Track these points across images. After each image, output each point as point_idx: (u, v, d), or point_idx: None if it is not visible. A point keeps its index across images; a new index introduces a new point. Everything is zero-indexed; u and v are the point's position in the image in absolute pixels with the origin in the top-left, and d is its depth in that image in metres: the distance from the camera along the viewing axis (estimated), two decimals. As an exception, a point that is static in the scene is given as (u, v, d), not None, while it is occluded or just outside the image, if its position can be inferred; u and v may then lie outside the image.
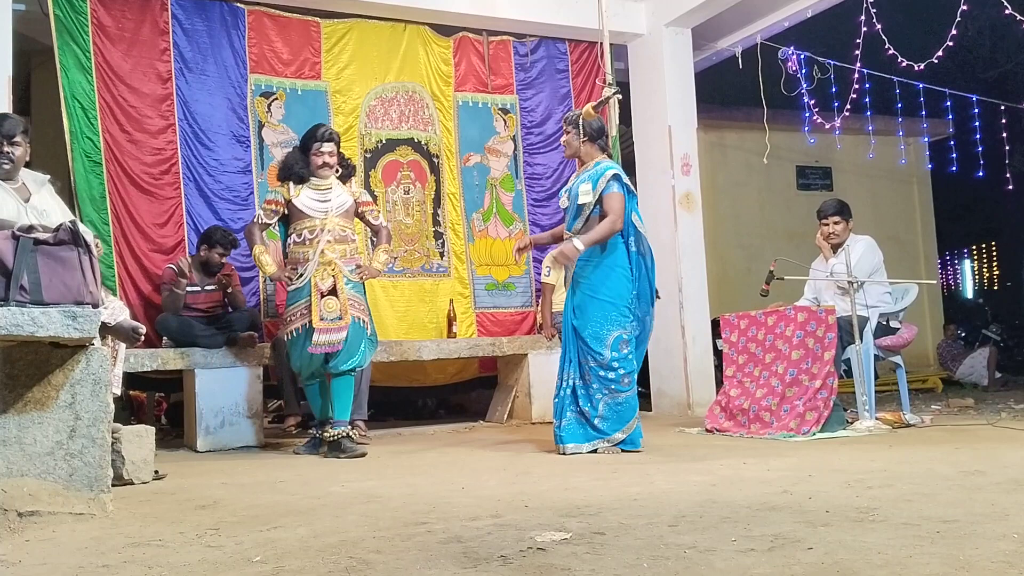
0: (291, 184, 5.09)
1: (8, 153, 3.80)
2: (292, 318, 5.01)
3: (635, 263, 4.70)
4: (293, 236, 5.07)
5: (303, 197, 5.05)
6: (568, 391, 4.71)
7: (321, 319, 4.88)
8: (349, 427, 5.01)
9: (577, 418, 4.67)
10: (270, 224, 5.17)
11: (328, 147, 5.08)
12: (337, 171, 5.17)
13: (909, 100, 8.51)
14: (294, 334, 4.98)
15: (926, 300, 11.28)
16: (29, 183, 3.85)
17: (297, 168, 5.09)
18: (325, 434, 4.97)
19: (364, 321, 5.06)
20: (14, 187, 3.78)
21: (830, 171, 11.27)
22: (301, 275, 4.95)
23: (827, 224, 5.78)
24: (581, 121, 4.80)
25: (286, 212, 5.11)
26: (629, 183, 4.76)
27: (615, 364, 4.61)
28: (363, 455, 4.83)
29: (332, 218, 5.03)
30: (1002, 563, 2.01)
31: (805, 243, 6.21)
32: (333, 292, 4.93)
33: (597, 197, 4.64)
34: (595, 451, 4.59)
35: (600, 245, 4.64)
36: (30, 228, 3.05)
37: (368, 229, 5.72)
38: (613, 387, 4.61)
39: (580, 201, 4.69)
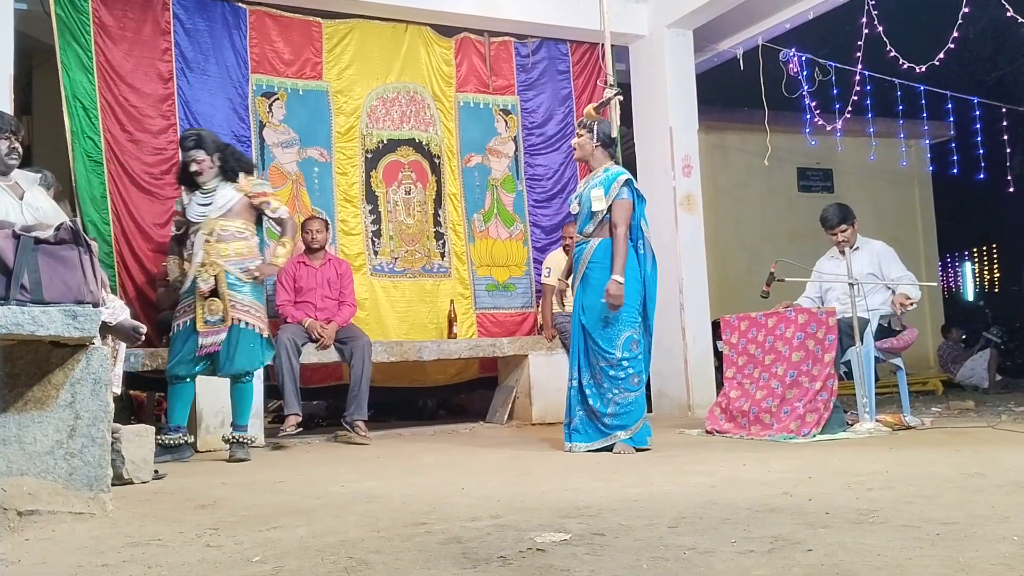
0: (184, 192, 5.08)
1: (16, 148, 3.82)
2: (177, 312, 4.96)
3: (642, 265, 4.80)
4: (188, 242, 5.03)
5: (192, 204, 4.98)
6: (576, 390, 4.75)
7: (205, 321, 4.81)
8: (245, 433, 4.94)
9: (587, 416, 4.72)
10: (178, 234, 5.12)
11: (193, 154, 4.91)
12: (217, 172, 4.96)
13: (910, 102, 8.52)
14: (178, 328, 4.90)
15: (927, 302, 11.28)
16: (21, 181, 3.86)
17: (182, 176, 5.07)
18: (224, 436, 5.03)
19: (251, 324, 4.89)
20: (8, 184, 3.79)
21: (831, 173, 11.27)
22: (185, 279, 4.94)
23: (835, 234, 5.78)
24: (596, 126, 4.88)
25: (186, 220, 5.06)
26: (639, 188, 4.86)
27: (625, 363, 4.66)
28: (244, 460, 4.79)
29: (211, 220, 4.89)
30: (1002, 565, 2.01)
31: (806, 245, 6.22)
32: (216, 294, 4.82)
33: (609, 203, 4.71)
34: (610, 448, 4.62)
35: (610, 247, 4.73)
36: (30, 227, 3.06)
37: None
38: (623, 386, 4.66)
39: (594, 208, 4.73)
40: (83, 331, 2.99)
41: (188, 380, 4.94)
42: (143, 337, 4.13)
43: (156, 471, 4.08)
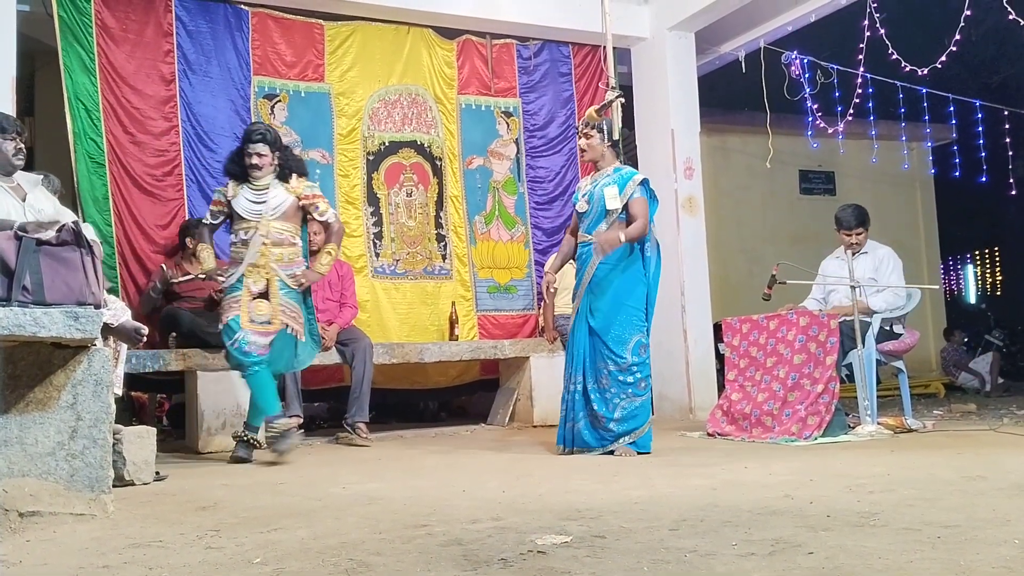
0: (232, 183, 4.97)
1: (21, 149, 3.83)
2: (225, 308, 4.84)
3: (647, 267, 4.81)
4: (232, 236, 4.97)
5: (240, 198, 4.89)
6: (579, 394, 4.69)
7: (251, 320, 4.75)
8: (256, 433, 4.89)
9: (589, 422, 4.68)
10: (215, 224, 5.07)
11: (257, 147, 4.85)
12: (274, 169, 4.92)
13: (912, 105, 8.51)
14: (229, 322, 4.80)
15: (929, 305, 11.28)
16: (23, 182, 3.87)
17: (232, 167, 4.98)
18: (234, 433, 4.99)
19: (295, 330, 4.90)
20: (10, 186, 3.80)
21: (833, 175, 11.27)
22: (232, 274, 4.85)
23: (850, 235, 5.75)
24: (604, 126, 4.91)
25: (228, 211, 4.99)
26: (653, 189, 4.90)
27: (634, 368, 4.66)
28: (246, 461, 4.77)
29: (267, 220, 4.85)
30: (1003, 568, 2.01)
31: (808, 247, 6.23)
32: (265, 296, 4.80)
33: (625, 202, 4.72)
34: (610, 452, 4.61)
35: (625, 249, 4.71)
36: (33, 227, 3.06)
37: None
38: (631, 391, 4.65)
39: (609, 206, 4.72)
40: (85, 332, 2.99)
41: (260, 367, 4.79)
42: (144, 338, 4.13)
43: (157, 472, 4.09)
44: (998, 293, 18.33)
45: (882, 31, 6.87)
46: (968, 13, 6.35)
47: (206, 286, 6.00)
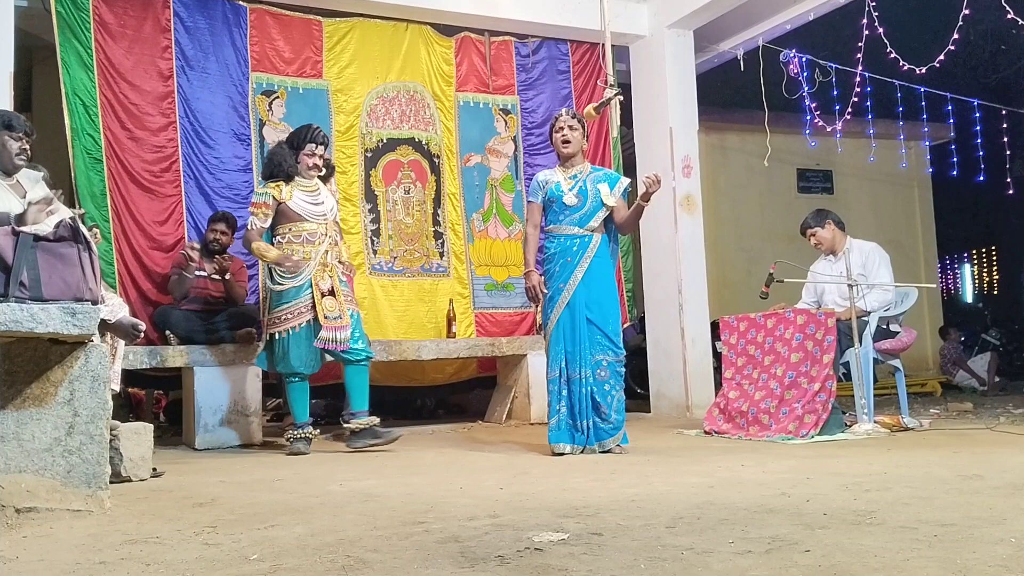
0: (282, 184, 5.16)
1: (26, 149, 3.83)
2: (288, 316, 5.08)
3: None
4: (290, 237, 5.15)
5: (296, 200, 5.13)
6: (587, 391, 4.64)
7: (325, 317, 5.01)
8: (366, 418, 5.14)
9: (597, 417, 4.66)
10: (264, 227, 5.19)
11: (321, 149, 5.22)
12: (321, 171, 5.28)
13: (910, 104, 8.51)
14: (293, 331, 5.07)
15: (926, 304, 11.28)
16: (24, 180, 3.86)
17: (287, 167, 5.16)
18: (352, 423, 5.14)
19: (356, 309, 5.26)
20: (10, 183, 3.79)
21: (831, 174, 11.27)
22: (300, 273, 5.06)
23: (810, 240, 5.95)
24: (584, 121, 4.98)
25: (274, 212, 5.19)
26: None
27: (623, 358, 4.76)
28: (397, 438, 5.13)
29: (331, 223, 5.25)
30: (999, 567, 2.01)
31: (805, 246, 6.21)
32: (331, 293, 5.09)
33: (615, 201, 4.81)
34: (608, 451, 4.61)
35: (613, 242, 4.88)
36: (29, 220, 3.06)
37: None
38: (620, 382, 4.73)
39: (607, 203, 4.77)
40: (82, 328, 2.99)
41: (306, 379, 5.21)
42: (142, 335, 4.12)
43: (154, 469, 4.09)
44: (995, 292, 18.36)
45: (880, 30, 6.87)
46: (967, 12, 6.36)
47: (212, 286, 6.00)
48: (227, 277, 5.99)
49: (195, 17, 6.46)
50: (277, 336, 5.12)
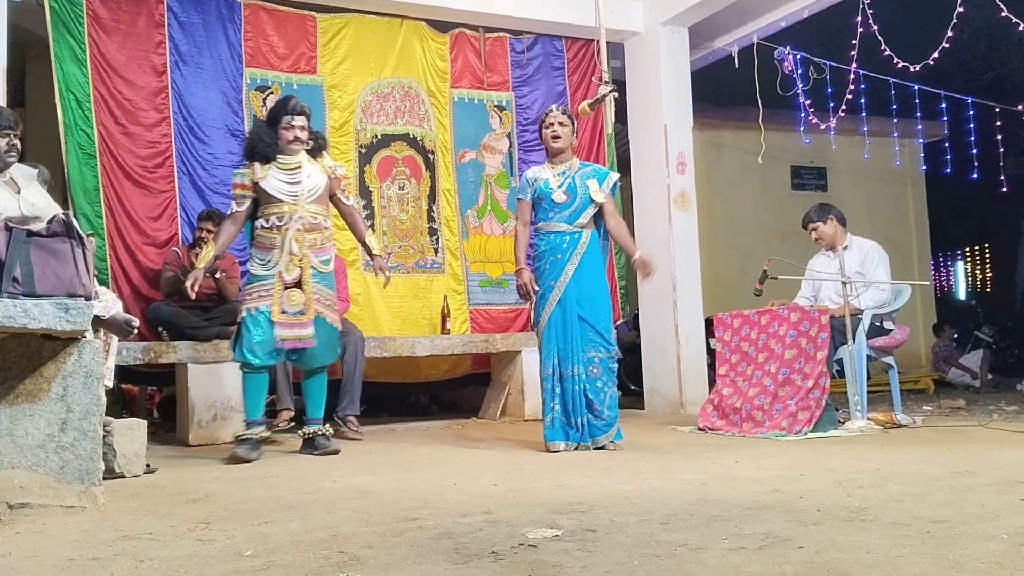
0: (257, 164, 4.67)
1: (16, 145, 3.81)
2: (249, 296, 4.63)
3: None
4: (260, 220, 4.68)
5: (271, 179, 4.63)
6: (580, 388, 4.65)
7: (283, 312, 4.54)
8: (323, 424, 4.84)
9: (591, 414, 4.66)
10: (240, 211, 4.71)
11: (299, 120, 4.65)
12: (307, 145, 4.74)
13: (904, 101, 8.53)
14: (250, 313, 4.56)
15: (919, 301, 11.30)
16: (17, 177, 3.85)
17: (262, 146, 4.66)
18: (302, 431, 4.84)
19: (330, 318, 4.72)
20: (3, 180, 3.78)
21: (825, 171, 11.29)
22: (267, 261, 4.60)
23: (811, 234, 5.93)
24: (573, 117, 4.99)
25: (254, 195, 4.70)
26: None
27: (615, 354, 4.76)
28: (336, 452, 4.71)
29: (303, 204, 4.63)
30: (992, 563, 2.01)
31: (799, 243, 6.23)
32: (298, 285, 4.60)
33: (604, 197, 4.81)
34: (602, 448, 4.62)
35: (603, 238, 4.89)
36: (24, 219, 3.05)
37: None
38: (613, 378, 4.73)
39: (597, 199, 4.77)
40: (75, 324, 2.98)
41: (263, 371, 4.68)
42: (135, 331, 4.11)
43: (148, 465, 4.08)
44: (988, 289, 18.42)
45: (875, 27, 6.88)
46: (960, 10, 6.36)
47: (204, 283, 5.97)
48: (218, 275, 5.98)
49: (189, 12, 6.44)
50: (242, 313, 4.63)
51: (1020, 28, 6.45)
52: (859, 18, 6.92)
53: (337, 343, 4.89)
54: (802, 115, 8.22)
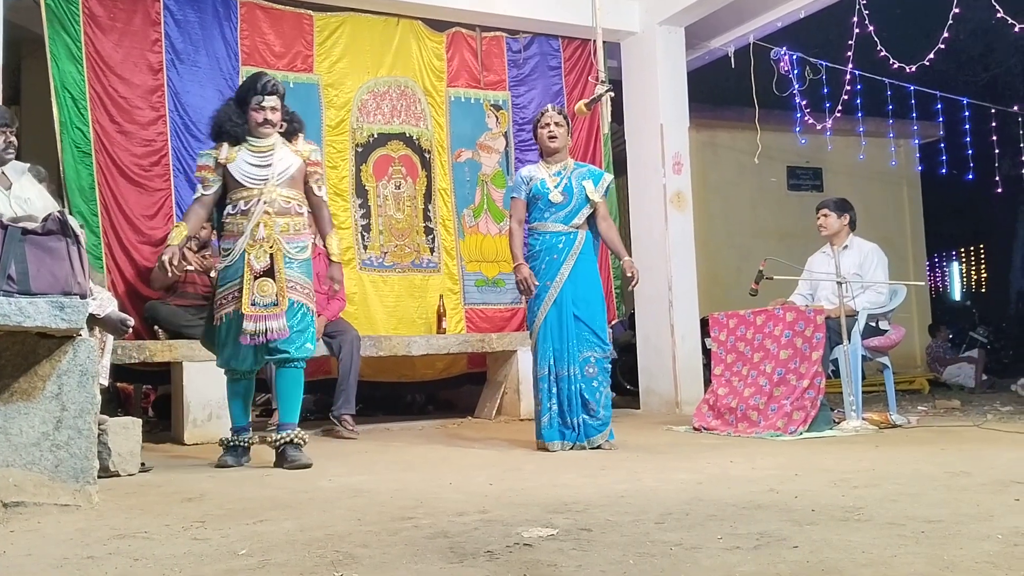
0: (225, 145, 4.29)
1: (12, 142, 3.81)
2: (222, 301, 4.26)
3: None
4: (228, 207, 4.30)
5: (239, 161, 4.25)
6: (576, 388, 4.65)
7: (252, 304, 4.13)
8: (296, 431, 4.28)
9: (586, 414, 4.67)
10: (210, 196, 4.33)
11: (271, 100, 4.28)
12: (281, 127, 4.36)
13: (900, 102, 8.54)
14: (223, 319, 4.24)
15: (914, 302, 11.33)
16: (9, 172, 3.85)
17: (230, 126, 4.29)
18: (268, 441, 4.33)
19: (308, 307, 4.29)
20: (-3, 177, 3.78)
21: (821, 172, 11.32)
22: (230, 252, 4.23)
23: (819, 218, 5.91)
24: (569, 118, 5.01)
25: (222, 178, 4.32)
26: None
27: (610, 354, 4.79)
28: (308, 466, 4.16)
29: (272, 187, 4.23)
30: (986, 563, 2.02)
31: (795, 243, 6.26)
32: (270, 273, 4.18)
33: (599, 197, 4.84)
34: (598, 447, 4.62)
35: (596, 238, 4.89)
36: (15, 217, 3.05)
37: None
38: (607, 378, 4.75)
39: (594, 199, 4.79)
40: (70, 322, 2.97)
41: (249, 376, 4.39)
42: (131, 329, 4.11)
43: (143, 463, 4.07)
44: (983, 290, 18.45)
45: (871, 28, 6.89)
46: (956, 11, 6.38)
47: (200, 281, 5.97)
48: (212, 274, 5.97)
49: (185, 10, 6.43)
50: (214, 322, 4.31)
51: (1016, 29, 6.47)
52: (855, 19, 6.93)
53: (311, 332, 4.36)
54: (798, 115, 8.22)
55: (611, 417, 4.74)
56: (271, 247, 4.20)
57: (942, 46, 6.83)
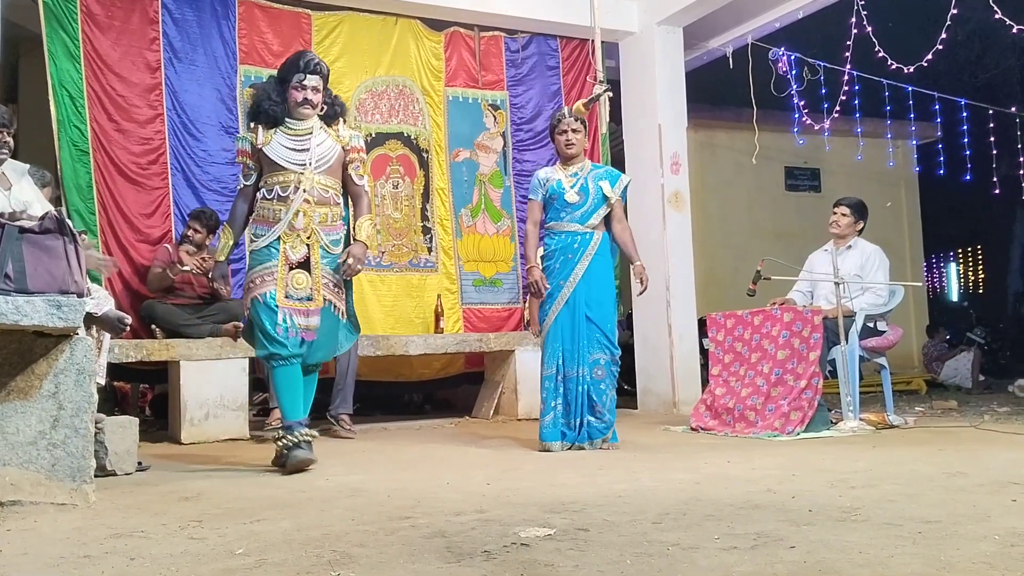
0: (260, 128, 4.11)
1: (8, 142, 3.80)
2: (254, 282, 4.03)
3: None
4: (263, 190, 4.11)
5: (275, 144, 4.06)
6: (584, 389, 4.65)
7: (287, 296, 3.98)
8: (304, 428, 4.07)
9: (593, 415, 4.66)
10: (249, 186, 4.18)
11: (312, 80, 4.07)
12: (322, 109, 4.17)
13: (898, 103, 8.54)
14: (264, 298, 3.98)
15: (911, 302, 11.34)
16: (9, 173, 3.84)
17: (268, 106, 4.07)
18: (279, 440, 4.04)
19: (338, 309, 4.18)
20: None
21: (818, 172, 11.32)
22: (263, 237, 4.04)
23: (835, 213, 5.92)
24: (586, 121, 5.01)
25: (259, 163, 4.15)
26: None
27: (619, 357, 4.78)
28: (312, 462, 3.99)
29: (311, 174, 4.05)
30: (983, 564, 2.02)
31: (793, 243, 6.26)
32: (305, 265, 4.05)
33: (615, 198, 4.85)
34: (601, 449, 4.62)
35: (611, 241, 4.89)
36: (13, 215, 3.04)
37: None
38: (614, 381, 4.75)
39: (611, 199, 4.80)
40: (67, 321, 2.97)
41: (295, 361, 4.04)
42: (128, 328, 4.10)
43: (139, 463, 4.07)
44: (980, 291, 18.46)
45: (869, 29, 6.89)
46: (955, 12, 6.38)
47: (196, 280, 5.97)
48: (211, 275, 5.97)
49: (183, 9, 6.42)
50: (249, 302, 4.05)
51: (1014, 30, 6.48)
52: (853, 19, 6.94)
53: (336, 338, 4.25)
54: (796, 116, 8.23)
55: (615, 420, 4.73)
56: (308, 238, 4.05)
57: (940, 47, 6.84)
